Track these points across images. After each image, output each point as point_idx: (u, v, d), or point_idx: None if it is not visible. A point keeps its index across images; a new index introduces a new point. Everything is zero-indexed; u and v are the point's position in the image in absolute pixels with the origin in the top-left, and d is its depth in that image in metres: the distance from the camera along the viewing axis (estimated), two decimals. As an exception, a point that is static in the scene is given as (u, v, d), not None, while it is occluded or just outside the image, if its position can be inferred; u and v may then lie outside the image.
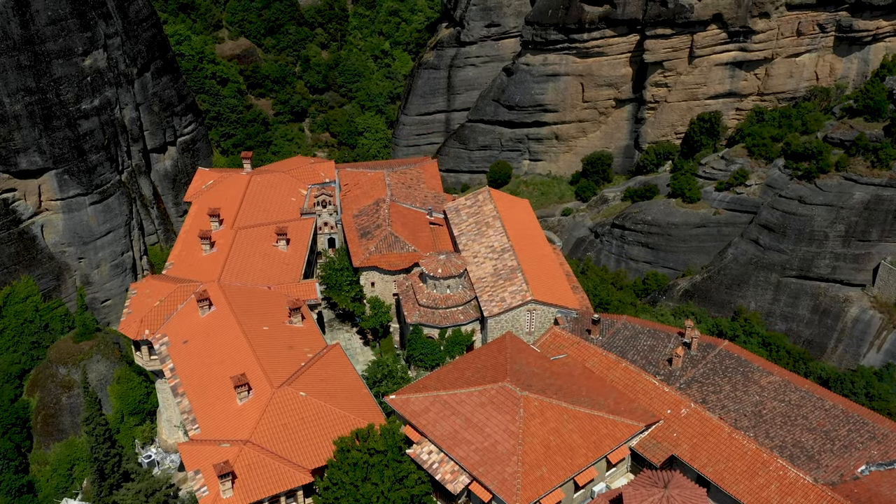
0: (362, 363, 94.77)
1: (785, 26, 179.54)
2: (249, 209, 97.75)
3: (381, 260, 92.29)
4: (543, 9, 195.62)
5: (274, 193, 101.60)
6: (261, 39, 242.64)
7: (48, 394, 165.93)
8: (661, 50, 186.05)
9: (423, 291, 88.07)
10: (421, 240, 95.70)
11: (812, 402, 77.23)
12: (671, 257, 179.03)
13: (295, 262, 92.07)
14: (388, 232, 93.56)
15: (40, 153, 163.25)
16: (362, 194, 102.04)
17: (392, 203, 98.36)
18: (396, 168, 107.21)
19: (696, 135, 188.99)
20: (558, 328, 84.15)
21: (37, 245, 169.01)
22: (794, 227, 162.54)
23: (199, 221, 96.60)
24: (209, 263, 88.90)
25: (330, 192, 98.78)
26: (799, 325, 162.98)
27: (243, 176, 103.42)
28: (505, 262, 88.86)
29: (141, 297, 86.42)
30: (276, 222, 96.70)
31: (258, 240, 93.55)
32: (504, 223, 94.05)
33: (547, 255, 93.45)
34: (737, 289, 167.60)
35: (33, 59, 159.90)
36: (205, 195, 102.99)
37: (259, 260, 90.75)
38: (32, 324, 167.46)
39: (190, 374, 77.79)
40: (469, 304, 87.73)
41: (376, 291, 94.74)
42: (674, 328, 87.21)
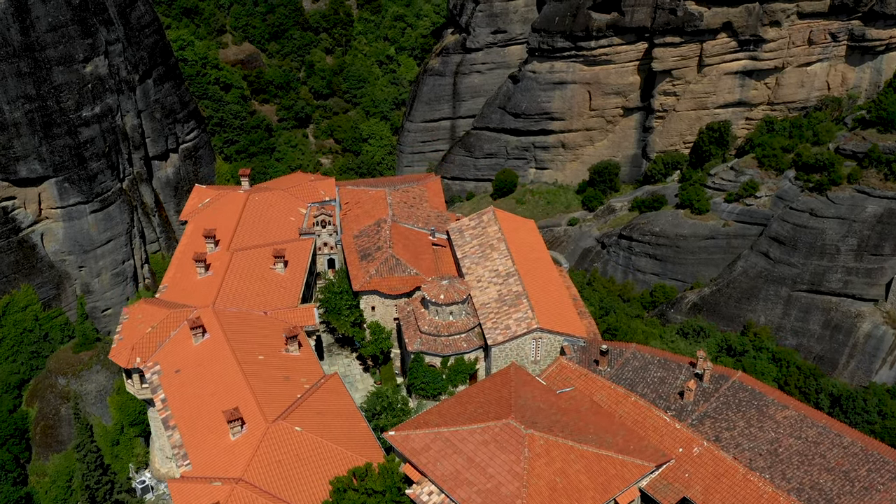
0: (362, 391, 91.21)
1: (796, 35, 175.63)
2: (246, 230, 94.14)
3: (382, 283, 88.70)
4: (550, 16, 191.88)
5: (272, 212, 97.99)
6: (265, 44, 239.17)
7: (47, 404, 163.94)
8: (669, 58, 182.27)
9: (425, 318, 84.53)
10: (423, 262, 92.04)
11: (830, 438, 73.38)
12: (679, 269, 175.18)
13: (293, 286, 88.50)
14: (389, 254, 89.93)
15: (40, 161, 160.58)
16: (363, 213, 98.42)
17: (393, 223, 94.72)
18: (398, 186, 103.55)
19: (704, 144, 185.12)
20: (565, 359, 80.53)
21: (37, 253, 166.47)
22: (805, 240, 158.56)
23: (195, 242, 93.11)
24: (204, 287, 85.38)
25: (329, 212, 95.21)
26: (810, 340, 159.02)
27: (241, 194, 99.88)
28: (510, 288, 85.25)
29: (133, 322, 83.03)
30: (273, 243, 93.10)
31: (255, 262, 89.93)
32: (509, 245, 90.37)
33: (553, 279, 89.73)
34: (746, 302, 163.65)
35: (33, 65, 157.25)
36: (201, 214, 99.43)
37: (255, 283, 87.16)
38: (32, 333, 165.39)
39: (181, 406, 74.35)
40: (472, 331, 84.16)
41: (377, 316, 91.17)
42: (685, 358, 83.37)
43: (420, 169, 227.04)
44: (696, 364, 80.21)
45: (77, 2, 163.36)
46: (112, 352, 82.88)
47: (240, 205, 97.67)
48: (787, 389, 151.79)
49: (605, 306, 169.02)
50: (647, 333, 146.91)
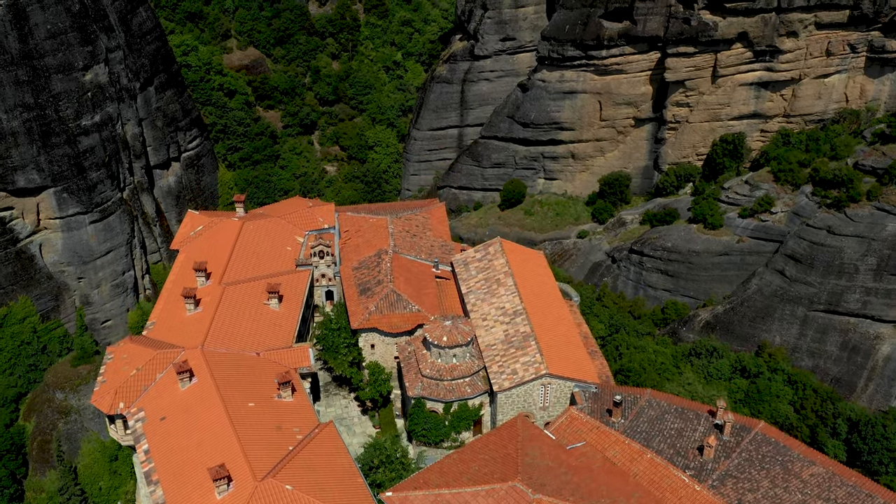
0: (360, 435, 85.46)
1: (814, 46, 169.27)
2: (239, 261, 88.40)
3: (382, 321, 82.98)
4: (560, 24, 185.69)
5: (267, 241, 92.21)
6: (270, 49, 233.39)
7: (45, 419, 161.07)
8: (682, 69, 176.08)
9: (427, 360, 78.82)
10: (426, 298, 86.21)
11: (861, 499, 67.60)
12: (692, 286, 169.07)
13: (288, 323, 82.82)
14: (389, 289, 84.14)
15: (38, 171, 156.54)
16: (363, 243, 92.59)
17: (395, 255, 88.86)
18: (401, 213, 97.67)
19: (718, 157, 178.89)
20: (576, 410, 74.64)
21: (35, 265, 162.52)
22: (822, 258, 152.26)
23: (186, 273, 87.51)
24: (193, 325, 79.79)
25: (328, 243, 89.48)
26: (827, 362, 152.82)
27: (234, 222, 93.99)
28: (517, 328, 79.47)
29: (117, 363, 77.59)
30: (268, 276, 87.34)
31: (248, 297, 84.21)
32: (516, 280, 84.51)
33: (563, 317, 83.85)
34: (761, 322, 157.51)
35: (32, 74, 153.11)
36: (193, 243, 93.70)
37: (248, 321, 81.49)
38: (30, 346, 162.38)
39: (166, 458, 68.80)
40: (477, 374, 78.43)
41: (376, 354, 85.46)
42: (703, 406, 77.45)
43: (427, 177, 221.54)
44: (716, 413, 74.38)
45: (76, 9, 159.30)
46: (94, 396, 77.47)
47: (233, 234, 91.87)
48: (804, 413, 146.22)
49: (615, 323, 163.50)
50: (661, 370, 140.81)
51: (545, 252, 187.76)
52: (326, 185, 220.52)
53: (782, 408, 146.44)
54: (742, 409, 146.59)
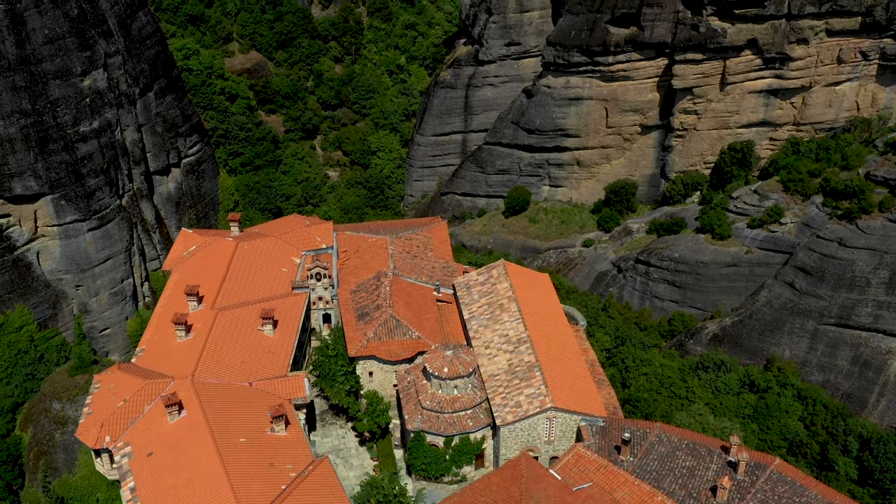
0: (357, 468, 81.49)
1: (825, 53, 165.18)
2: (233, 283, 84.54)
3: (381, 348, 79.08)
4: (566, 29, 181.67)
5: (263, 263, 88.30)
6: (272, 53, 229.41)
7: (41, 429, 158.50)
8: (690, 75, 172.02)
9: (427, 391, 74.97)
10: (426, 323, 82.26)
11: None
12: (699, 297, 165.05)
13: (282, 350, 78.96)
14: (388, 315, 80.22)
15: (36, 178, 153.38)
16: (362, 265, 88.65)
17: (395, 277, 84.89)
18: (401, 233, 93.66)
19: (726, 165, 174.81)
20: (582, 447, 70.64)
21: (32, 272, 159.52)
22: (833, 271, 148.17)
23: (178, 296, 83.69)
24: (184, 353, 75.95)
25: (325, 264, 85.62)
26: (837, 376, 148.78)
27: (229, 242, 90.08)
28: (521, 357, 75.57)
29: (104, 393, 73.82)
30: (263, 299, 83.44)
31: (241, 323, 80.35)
32: (520, 306, 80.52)
33: (569, 345, 79.83)
34: (770, 335, 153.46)
35: (29, 79, 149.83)
36: (186, 264, 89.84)
37: (241, 348, 77.67)
38: (27, 354, 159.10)
39: (153, 497, 65.05)
40: (479, 406, 74.58)
41: (374, 382, 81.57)
42: (716, 441, 73.46)
43: (430, 183, 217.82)
44: (729, 450, 70.42)
45: (75, 13, 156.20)
46: (80, 428, 73.70)
47: (227, 255, 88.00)
48: (814, 430, 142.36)
49: (621, 335, 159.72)
50: (670, 396, 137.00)
51: (550, 261, 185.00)
52: (329, 191, 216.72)
53: (792, 424, 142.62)
54: (751, 425, 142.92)
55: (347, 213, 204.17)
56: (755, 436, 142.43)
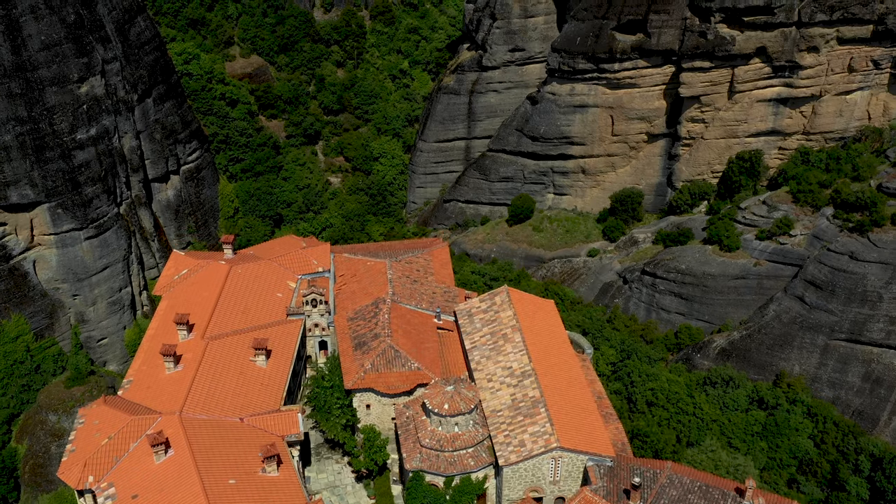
0: (353, 506, 77.68)
1: (835, 61, 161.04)
2: (226, 310, 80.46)
3: (378, 380, 74.97)
4: (571, 36, 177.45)
5: (257, 288, 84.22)
6: (274, 57, 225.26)
7: (37, 442, 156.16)
8: (698, 84, 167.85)
9: (426, 427, 70.92)
10: (426, 353, 78.17)
11: None
12: (706, 310, 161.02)
13: (276, 383, 74.84)
14: (387, 345, 76.12)
15: (32, 186, 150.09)
16: (360, 290, 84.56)
17: (393, 304, 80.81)
18: (401, 256, 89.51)
19: (734, 175, 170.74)
20: (590, 492, 66.65)
21: (28, 282, 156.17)
22: (844, 285, 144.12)
23: (167, 324, 79.67)
24: (172, 385, 71.91)
25: (322, 290, 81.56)
26: (848, 393, 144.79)
27: (222, 266, 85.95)
28: (525, 392, 71.48)
29: (88, 429, 69.89)
30: (256, 327, 79.31)
31: (233, 353, 76.29)
32: (525, 336, 76.38)
33: (576, 378, 75.64)
34: (779, 350, 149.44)
35: (25, 86, 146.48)
36: (177, 289, 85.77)
37: (232, 381, 73.55)
38: (23, 365, 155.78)
39: (137, 542, 61.22)
40: (481, 444, 70.51)
41: (372, 415, 77.45)
42: (730, 482, 69.41)
43: (433, 190, 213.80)
44: (745, 493, 66.33)
45: (72, 19, 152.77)
46: (62, 467, 69.82)
47: (220, 280, 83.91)
48: (824, 448, 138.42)
49: (627, 349, 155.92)
50: (681, 431, 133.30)
51: (554, 270, 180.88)
52: (330, 198, 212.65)
53: (802, 442, 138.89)
54: (759, 443, 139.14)
55: (349, 220, 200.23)
56: (764, 454, 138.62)
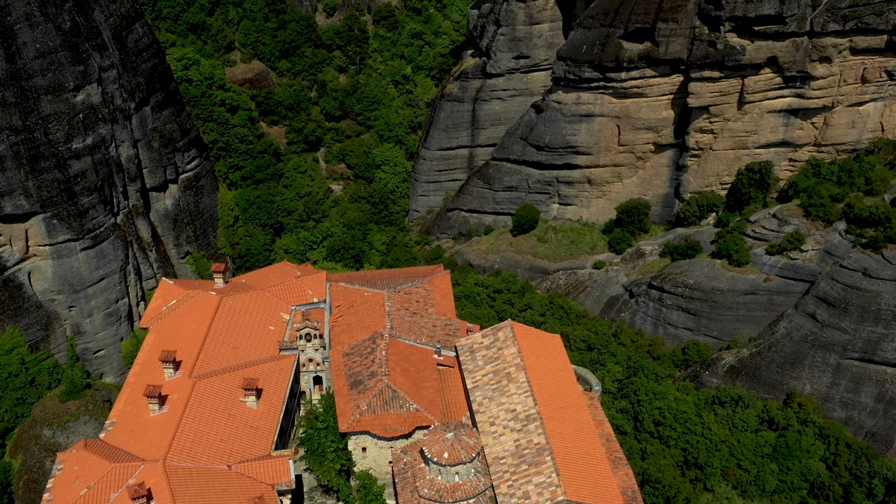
0: (350, 552, 73.14)
1: (848, 72, 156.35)
2: (215, 346, 75.76)
3: (375, 423, 70.25)
4: (577, 44, 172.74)
5: (248, 321, 79.47)
6: (275, 62, 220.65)
7: (31, 457, 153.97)
8: (707, 93, 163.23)
9: (425, 476, 66.39)
10: (425, 392, 73.42)
11: None
12: (715, 325, 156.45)
13: (266, 425, 70.08)
14: (384, 384, 71.43)
15: (27, 196, 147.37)
16: (357, 322, 79.91)
17: (392, 340, 76.14)
18: (400, 286, 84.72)
19: (743, 186, 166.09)
20: (601, 547, 62.24)
21: (23, 293, 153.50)
22: (857, 303, 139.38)
23: (153, 360, 75.06)
24: (157, 429, 67.25)
25: (316, 324, 76.87)
26: (861, 414, 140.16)
27: (212, 297, 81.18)
28: (530, 437, 66.85)
29: (67, 477, 65.38)
30: (247, 364, 74.63)
31: (222, 393, 71.53)
32: (529, 376, 71.55)
33: (583, 422, 70.88)
34: (790, 368, 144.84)
35: (19, 95, 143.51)
36: (164, 321, 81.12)
37: (220, 424, 68.75)
38: (18, 378, 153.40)
39: None
40: (483, 494, 65.96)
41: (368, 458, 72.73)
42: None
43: (436, 199, 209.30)
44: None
45: (67, 26, 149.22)
46: (38, 520, 65.32)
47: (209, 312, 79.12)
48: (836, 471, 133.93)
49: (634, 365, 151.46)
50: (693, 478, 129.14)
51: (559, 282, 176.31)
52: (332, 206, 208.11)
53: (813, 465, 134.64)
54: (770, 465, 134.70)
55: (351, 228, 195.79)
56: (774, 477, 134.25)
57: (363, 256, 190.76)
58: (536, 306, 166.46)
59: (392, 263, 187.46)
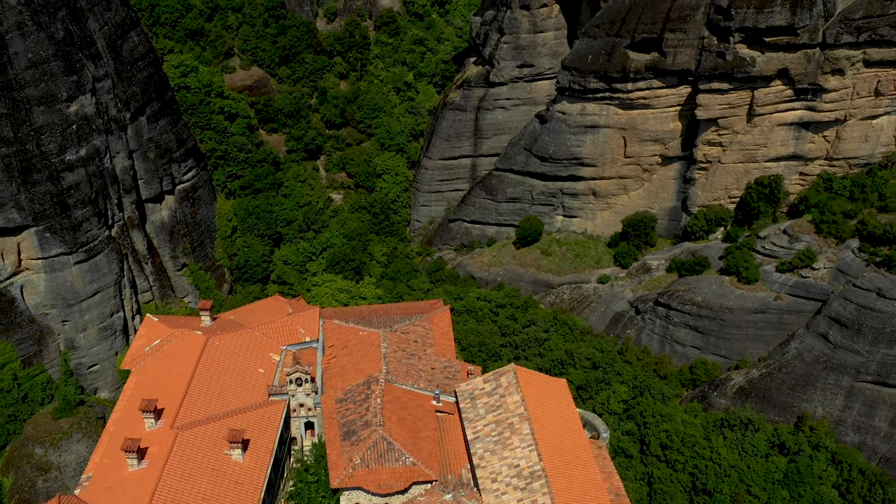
0: None
1: (861, 85, 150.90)
2: (199, 392, 70.70)
3: (369, 478, 65.06)
4: (582, 53, 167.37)
5: (235, 363, 74.28)
6: (275, 69, 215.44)
7: (23, 476, 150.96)
8: (715, 106, 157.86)
9: (424, 539, 61.74)
10: (423, 443, 68.22)
11: None
12: (723, 344, 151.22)
13: (253, 480, 64.94)
14: (379, 436, 66.36)
15: (18, 210, 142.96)
16: (351, 365, 74.64)
17: (387, 385, 70.99)
18: (397, 324, 79.47)
19: (753, 200, 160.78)
20: None
21: (16, 307, 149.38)
22: (871, 324, 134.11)
23: (135, 407, 69.98)
24: (135, 487, 62.16)
25: (307, 368, 71.79)
26: (875, 438, 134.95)
27: (197, 337, 76.01)
28: (534, 498, 61.64)
29: (40, 538, 60.70)
30: (233, 411, 69.63)
31: (206, 445, 66.46)
32: (534, 427, 66.32)
33: (591, 477, 65.72)
34: (801, 390, 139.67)
35: (11, 106, 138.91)
36: (147, 363, 75.88)
37: (203, 480, 63.64)
38: (9, 394, 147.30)
39: None
40: (486, 560, 61.13)
41: (363, 516, 68.15)
42: None
43: (438, 209, 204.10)
44: None
45: (61, 36, 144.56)
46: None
47: (195, 354, 74.02)
48: (850, 498, 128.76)
49: (639, 385, 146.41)
50: (698, 480, 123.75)
51: (563, 297, 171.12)
52: (332, 216, 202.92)
53: (826, 492, 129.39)
54: (781, 492, 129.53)
55: (351, 239, 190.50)
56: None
57: (363, 268, 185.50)
58: (540, 322, 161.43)
59: (392, 275, 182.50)
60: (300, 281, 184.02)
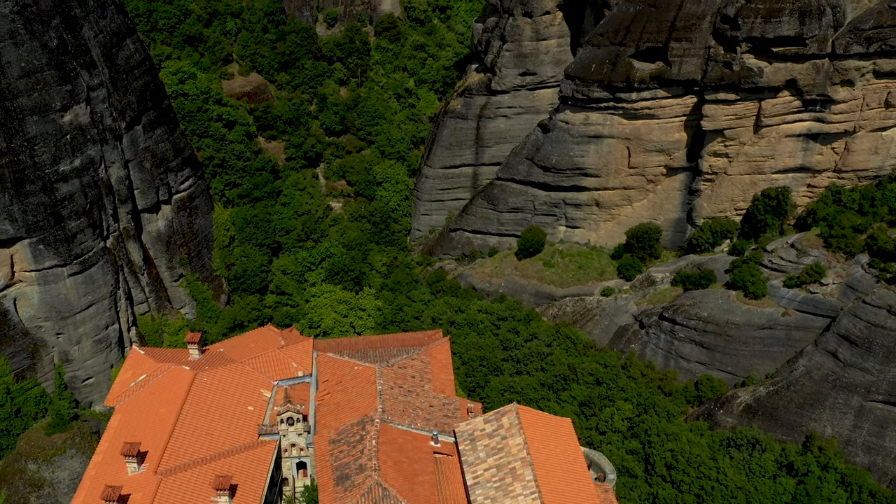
0: None
1: (871, 96, 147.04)
2: (185, 433, 67.01)
3: (363, 528, 61.96)
4: (586, 62, 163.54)
5: (224, 401, 70.54)
6: (274, 75, 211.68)
7: (16, 492, 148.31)
8: (722, 116, 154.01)
9: None
10: (420, 489, 64.46)
11: None
12: (729, 360, 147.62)
13: (241, 529, 62.03)
14: (373, 482, 62.71)
15: (11, 221, 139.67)
16: (345, 402, 70.93)
17: (383, 426, 67.33)
18: (393, 359, 75.62)
19: (759, 213, 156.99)
20: None
21: (9, 320, 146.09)
22: (881, 342, 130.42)
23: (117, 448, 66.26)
24: (115, 539, 59.18)
25: (299, 407, 68.20)
26: (885, 459, 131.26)
27: (185, 373, 72.34)
28: (539, 552, 58.31)
29: None
30: (221, 454, 66.04)
31: (191, 492, 62.86)
32: (536, 472, 62.67)
33: (598, 526, 62.46)
34: (809, 409, 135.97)
35: (3, 116, 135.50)
36: (131, 401, 72.18)
37: (188, 531, 60.76)
38: (2, 408, 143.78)
39: None
40: None
41: (358, 566, 64.54)
42: None
43: (439, 218, 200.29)
44: None
45: (54, 44, 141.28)
46: None
47: (182, 391, 70.40)
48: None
49: (644, 402, 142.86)
50: (704, 501, 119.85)
51: (566, 309, 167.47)
52: (331, 224, 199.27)
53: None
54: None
55: (351, 249, 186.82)
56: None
57: (363, 278, 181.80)
58: (542, 336, 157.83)
59: (393, 286, 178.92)
60: (299, 291, 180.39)
